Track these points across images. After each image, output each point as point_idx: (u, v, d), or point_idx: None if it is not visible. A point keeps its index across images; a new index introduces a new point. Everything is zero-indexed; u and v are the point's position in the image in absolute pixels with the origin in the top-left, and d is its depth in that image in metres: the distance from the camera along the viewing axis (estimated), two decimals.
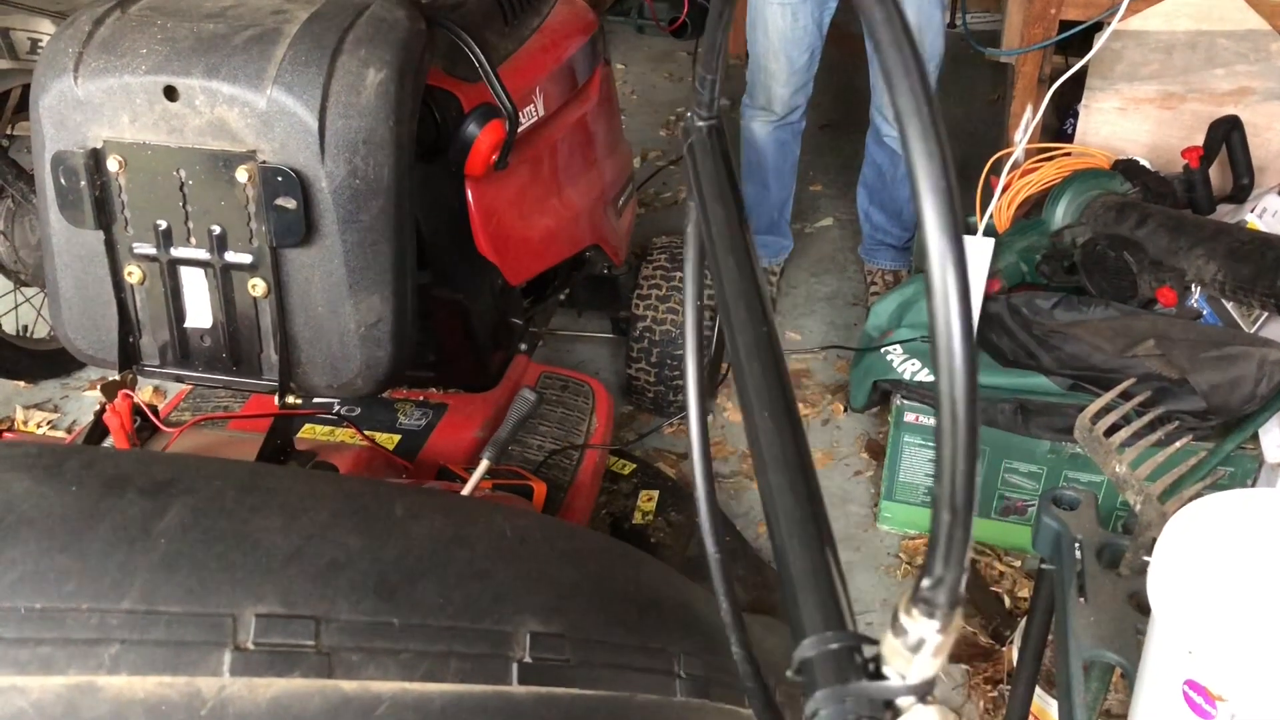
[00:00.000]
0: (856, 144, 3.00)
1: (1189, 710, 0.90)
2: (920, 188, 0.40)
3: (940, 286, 0.39)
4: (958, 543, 0.42)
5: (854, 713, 0.46)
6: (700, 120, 0.74)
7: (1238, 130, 2.24)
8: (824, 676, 0.47)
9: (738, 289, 0.62)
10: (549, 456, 1.95)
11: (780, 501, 0.53)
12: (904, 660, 0.45)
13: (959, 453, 0.41)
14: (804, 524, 0.52)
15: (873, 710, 0.46)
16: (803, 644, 0.48)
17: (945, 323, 0.39)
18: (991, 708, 1.86)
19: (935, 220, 0.40)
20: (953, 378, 0.40)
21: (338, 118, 1.31)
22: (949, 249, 0.39)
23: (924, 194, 0.40)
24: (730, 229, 0.67)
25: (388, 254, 1.37)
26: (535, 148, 1.87)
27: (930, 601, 0.43)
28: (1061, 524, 1.25)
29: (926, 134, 0.41)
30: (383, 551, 0.69)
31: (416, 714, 0.64)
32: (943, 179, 0.40)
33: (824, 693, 0.46)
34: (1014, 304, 2.12)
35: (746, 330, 0.60)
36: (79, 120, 1.35)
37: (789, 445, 0.55)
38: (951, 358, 0.40)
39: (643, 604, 0.82)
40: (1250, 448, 1.89)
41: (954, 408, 0.40)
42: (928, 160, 0.40)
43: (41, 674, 0.58)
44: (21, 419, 2.58)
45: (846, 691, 0.46)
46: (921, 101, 0.41)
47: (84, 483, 0.66)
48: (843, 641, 0.48)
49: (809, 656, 0.48)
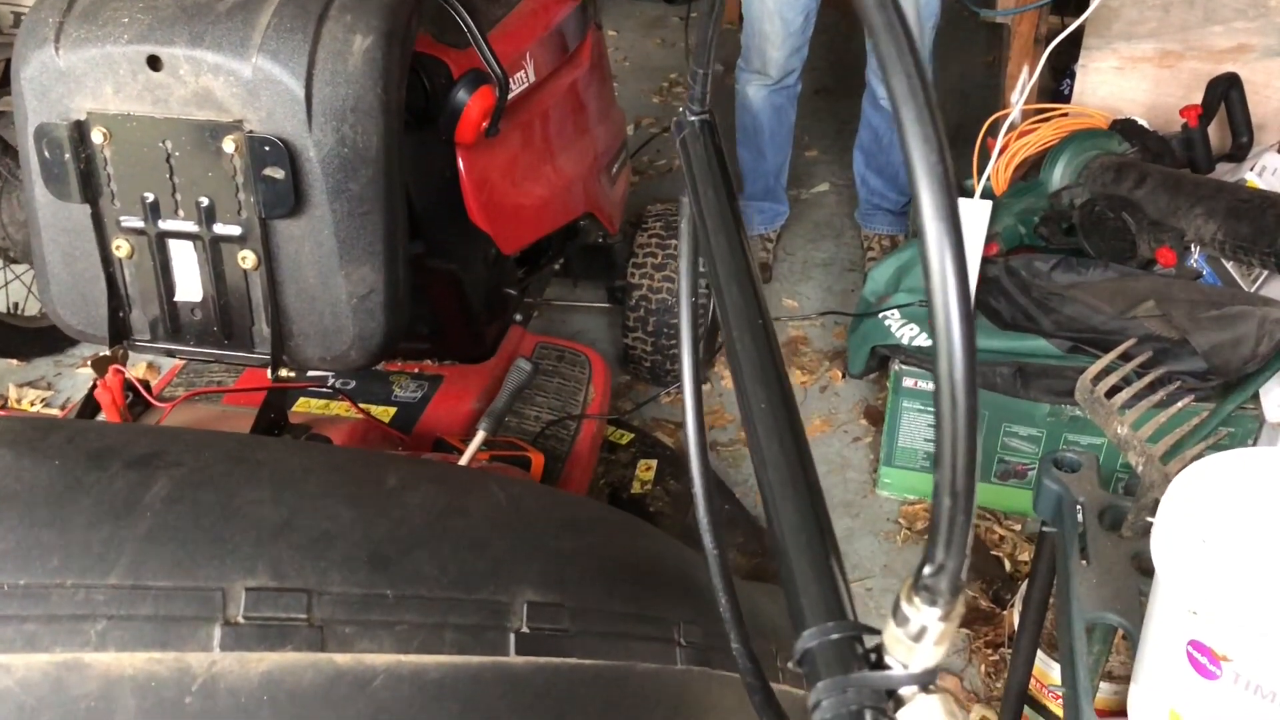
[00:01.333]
0: (852, 108, 2.97)
1: (1193, 671, 0.89)
2: (916, 173, 0.39)
3: (938, 269, 0.38)
4: (959, 528, 0.41)
5: (856, 703, 0.45)
6: (692, 115, 0.74)
7: (1237, 88, 2.22)
8: (825, 667, 0.46)
9: (735, 286, 0.62)
10: (546, 427, 1.94)
11: (779, 495, 0.53)
12: (906, 649, 0.45)
13: (959, 438, 0.40)
14: (803, 516, 0.52)
15: (875, 700, 0.45)
16: (803, 635, 0.48)
17: (944, 305, 0.39)
18: (993, 671, 1.86)
19: (931, 204, 0.39)
20: (952, 363, 0.39)
21: (325, 85, 1.29)
22: (946, 233, 0.38)
23: (920, 181, 0.39)
24: (725, 224, 0.66)
25: (378, 224, 1.35)
26: (526, 114, 1.85)
27: (932, 589, 0.43)
28: (1063, 486, 1.24)
29: (922, 118, 0.39)
30: (376, 522, 0.68)
31: (412, 686, 0.63)
32: (939, 164, 0.39)
33: (826, 683, 0.46)
34: (1012, 266, 2.10)
35: (744, 325, 0.60)
36: (61, 92, 1.33)
37: (787, 440, 0.55)
38: (950, 342, 0.39)
39: (642, 572, 0.81)
40: (1251, 408, 1.88)
41: (953, 393, 0.39)
42: (924, 145, 0.39)
43: (26, 652, 0.57)
44: (15, 397, 2.56)
45: (848, 682, 0.46)
46: (916, 85, 0.40)
47: (67, 456, 0.65)
48: (844, 632, 0.47)
49: (810, 647, 0.47)
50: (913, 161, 0.39)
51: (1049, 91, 2.84)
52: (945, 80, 2.92)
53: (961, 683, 1.86)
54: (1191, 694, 0.90)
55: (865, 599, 2.03)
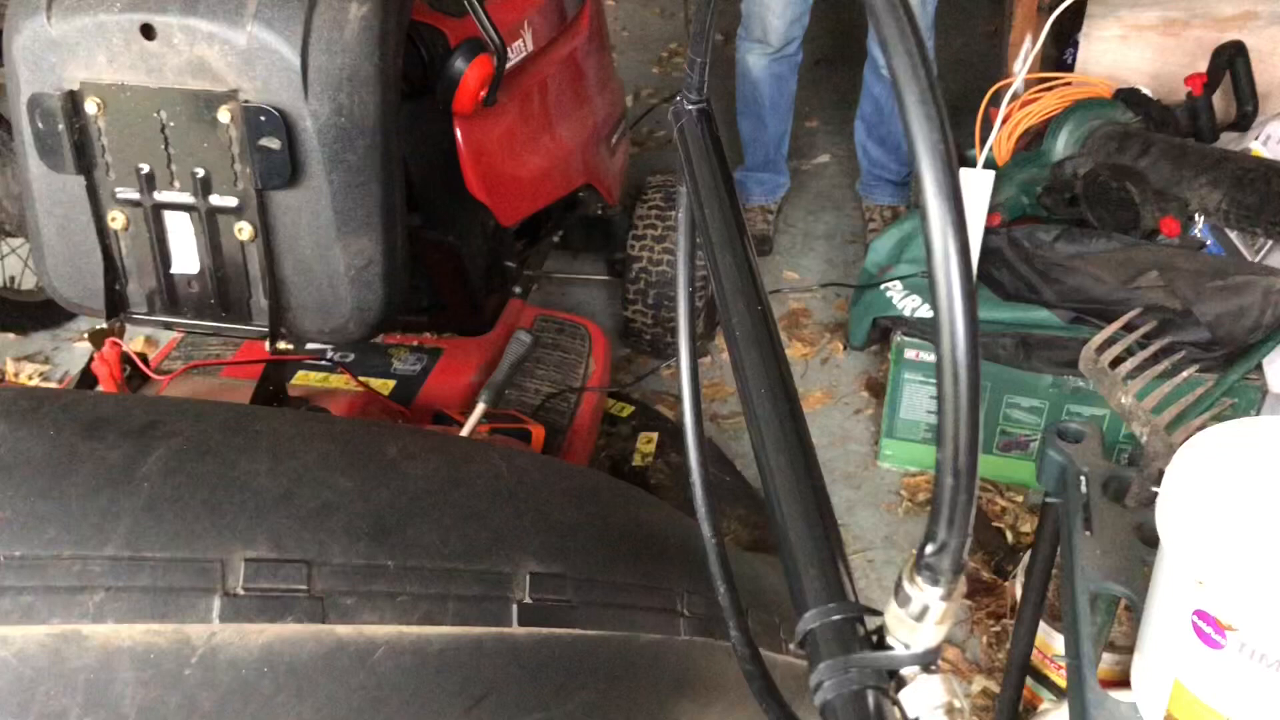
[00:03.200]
0: (853, 79, 2.95)
1: (1198, 640, 0.89)
2: (919, 152, 0.39)
3: (940, 248, 0.38)
4: (961, 507, 0.41)
5: (858, 683, 0.45)
6: (690, 104, 0.73)
7: (1242, 56, 2.20)
8: (827, 648, 0.47)
9: (734, 279, 0.62)
10: (546, 400, 1.93)
11: (779, 478, 0.53)
12: (908, 629, 0.45)
13: (961, 416, 0.40)
14: (803, 499, 0.52)
15: (877, 680, 0.45)
16: (805, 617, 0.48)
17: (946, 283, 0.38)
18: (995, 642, 1.87)
19: (933, 184, 0.39)
20: (954, 342, 0.39)
21: (320, 54, 1.27)
22: (948, 212, 0.38)
23: (922, 160, 0.39)
24: (723, 213, 0.65)
25: (376, 195, 1.34)
26: (524, 84, 1.83)
27: (934, 568, 0.43)
28: (1066, 457, 1.24)
29: (924, 98, 0.40)
30: (376, 493, 0.67)
31: (414, 658, 0.63)
32: (941, 143, 0.39)
33: (827, 664, 0.46)
34: (1015, 237, 2.09)
35: (743, 312, 0.60)
36: (54, 61, 1.31)
37: (787, 423, 0.55)
38: (953, 322, 0.39)
39: (644, 543, 0.80)
40: (1254, 378, 1.87)
41: (956, 372, 0.39)
42: (926, 123, 0.39)
43: (24, 623, 0.56)
44: (12, 371, 2.55)
45: (850, 662, 0.46)
46: (918, 64, 0.40)
47: (63, 426, 0.64)
48: (845, 613, 0.47)
49: (812, 628, 0.48)
50: (915, 140, 0.39)
51: (1052, 60, 2.82)
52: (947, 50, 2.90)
53: (963, 653, 1.87)
54: (1196, 664, 0.89)
55: (867, 570, 2.03)
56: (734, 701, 0.88)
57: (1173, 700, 0.94)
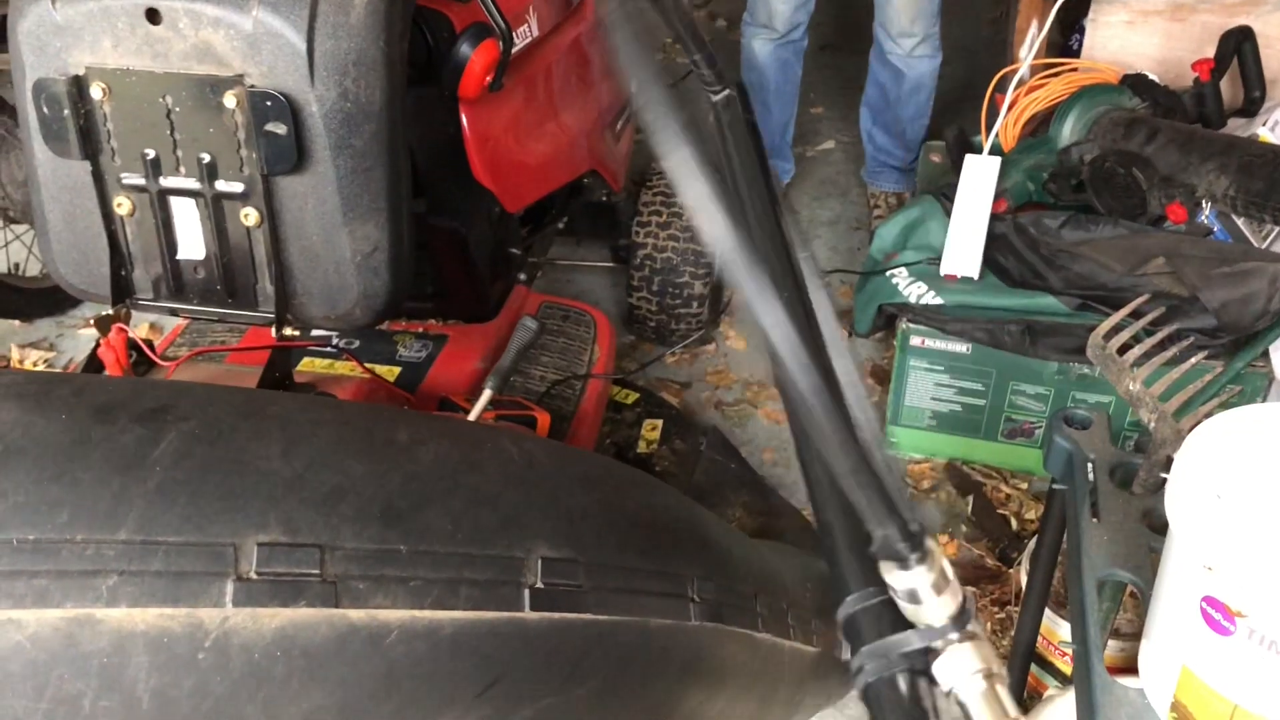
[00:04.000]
0: (858, 65, 2.93)
1: (1207, 627, 0.89)
2: None
3: None
4: (873, 499, 0.44)
5: (896, 666, 0.47)
6: (715, 95, 0.73)
7: (1249, 41, 2.19)
8: (867, 633, 0.49)
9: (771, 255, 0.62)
10: (551, 387, 1.93)
11: (816, 452, 0.53)
12: (916, 612, 0.47)
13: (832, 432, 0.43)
14: (845, 469, 0.52)
15: (911, 662, 0.47)
16: (845, 602, 0.50)
17: None
18: (1000, 629, 1.87)
19: None
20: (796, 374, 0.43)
21: (326, 38, 1.27)
22: None
23: None
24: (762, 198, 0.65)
25: (382, 180, 1.33)
26: (530, 69, 1.83)
27: (892, 555, 0.45)
28: (1073, 443, 1.24)
29: None
30: (388, 477, 0.67)
31: (426, 642, 0.63)
32: None
33: (867, 649, 0.48)
34: (1021, 223, 2.09)
35: (789, 301, 0.59)
36: (59, 46, 1.31)
37: (830, 410, 0.55)
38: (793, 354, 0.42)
39: (655, 528, 0.80)
40: (1260, 365, 1.87)
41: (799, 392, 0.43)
42: None
43: (38, 607, 0.56)
44: (17, 358, 2.55)
45: (887, 646, 0.48)
46: None
47: (74, 410, 0.64)
48: (881, 597, 0.49)
49: (852, 614, 0.50)
50: None
51: (1058, 46, 2.80)
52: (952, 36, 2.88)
53: None
54: (1205, 650, 0.90)
55: None
56: (743, 687, 0.88)
57: (1180, 686, 0.94)
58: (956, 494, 2.16)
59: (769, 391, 2.46)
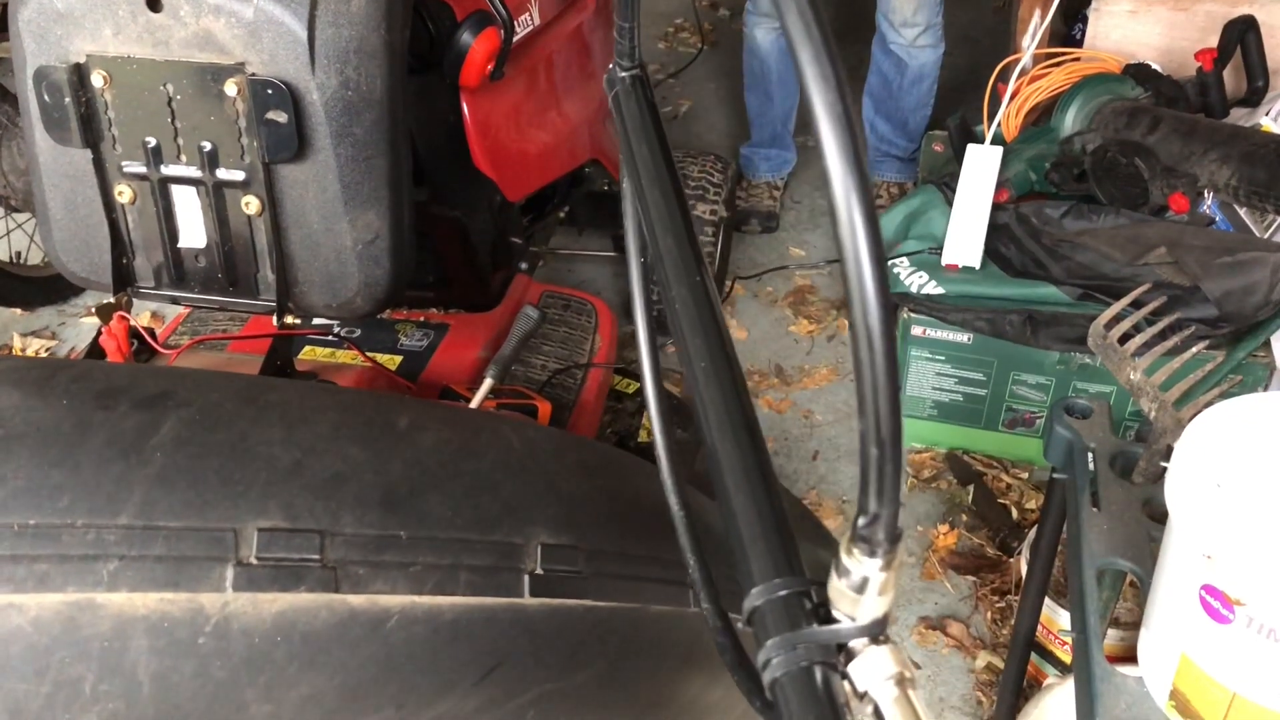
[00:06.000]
0: (860, 54, 2.93)
1: (1206, 615, 0.89)
2: (817, 114, 0.39)
3: (845, 210, 0.38)
4: (889, 477, 0.41)
5: (806, 659, 0.44)
6: (623, 71, 0.72)
7: (1253, 31, 2.18)
8: (774, 625, 0.46)
9: (675, 257, 0.60)
10: (553, 376, 1.93)
11: (723, 456, 0.52)
12: (851, 601, 0.44)
13: (879, 386, 0.39)
14: (747, 471, 0.51)
15: (825, 655, 0.45)
16: (751, 593, 0.47)
17: (853, 249, 0.38)
18: (999, 618, 1.87)
19: (834, 146, 0.38)
20: (866, 311, 0.38)
21: (327, 26, 1.26)
22: (851, 173, 0.38)
23: (821, 118, 0.38)
24: (660, 182, 0.64)
25: (383, 169, 1.33)
26: (531, 58, 1.82)
27: (869, 539, 0.42)
28: (1074, 433, 1.24)
29: (819, 57, 0.39)
30: (388, 463, 0.67)
31: (426, 627, 0.63)
32: (839, 104, 0.38)
33: (774, 641, 0.45)
34: (1022, 213, 2.08)
35: (682, 284, 0.58)
36: (60, 34, 1.30)
37: (729, 396, 0.54)
38: (863, 289, 0.38)
39: (655, 515, 0.80)
40: (1261, 355, 1.87)
41: (870, 340, 0.39)
42: (822, 84, 0.38)
43: (39, 591, 0.56)
44: (19, 346, 2.56)
45: (797, 638, 0.45)
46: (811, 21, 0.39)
47: (75, 396, 0.64)
48: (791, 588, 0.47)
49: (758, 605, 0.47)
50: (813, 102, 0.38)
51: (1060, 36, 2.80)
52: (955, 25, 2.88)
53: (968, 629, 1.87)
54: (1204, 638, 0.90)
55: None
56: None
57: (1179, 674, 0.94)
58: (957, 483, 2.16)
59: (769, 381, 2.46)
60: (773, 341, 2.59)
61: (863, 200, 0.38)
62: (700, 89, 3.67)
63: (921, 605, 1.93)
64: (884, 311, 0.38)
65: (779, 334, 2.61)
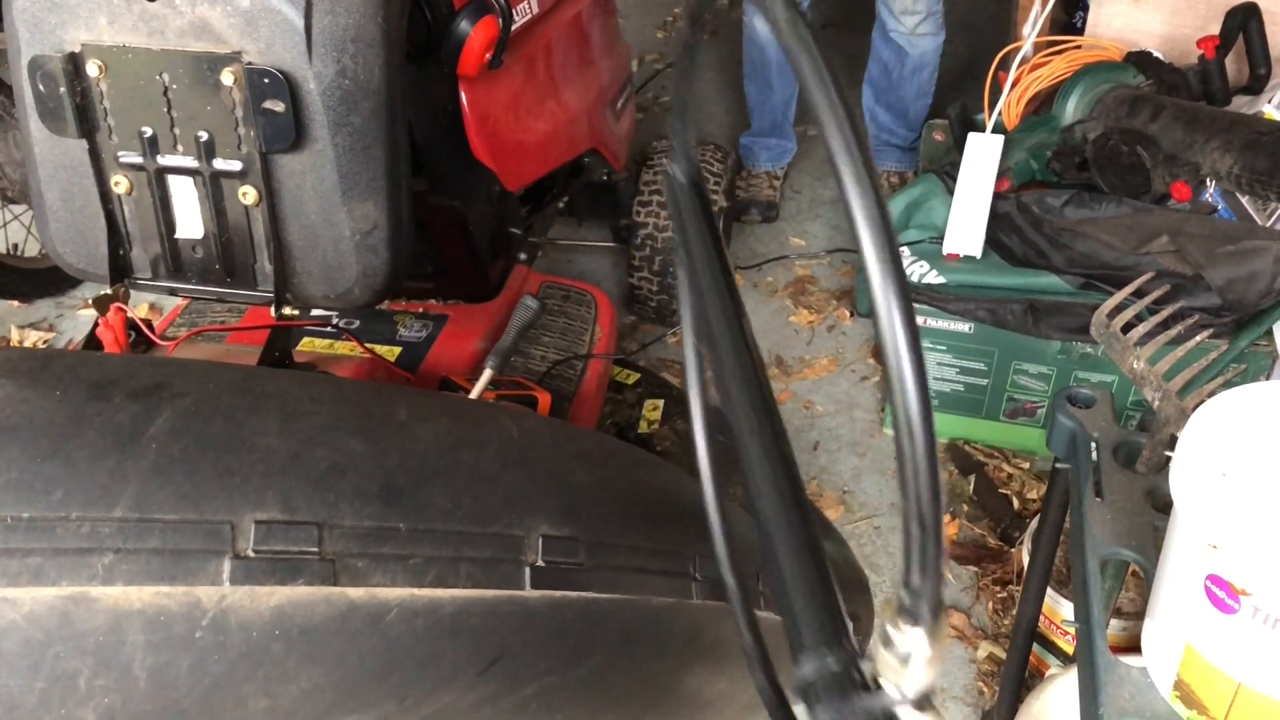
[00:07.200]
0: (861, 44, 2.92)
1: (1211, 605, 0.89)
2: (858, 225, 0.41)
3: (886, 312, 0.40)
4: (931, 555, 0.43)
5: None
6: (680, 174, 0.72)
7: (1255, 18, 2.17)
8: (825, 695, 0.48)
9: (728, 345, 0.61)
10: (552, 367, 1.93)
11: (774, 524, 0.53)
12: (897, 672, 0.46)
13: (921, 471, 0.42)
14: (798, 545, 0.53)
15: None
16: (801, 663, 0.49)
17: (894, 346, 0.40)
18: (1000, 608, 1.87)
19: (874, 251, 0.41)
20: (907, 399, 0.40)
21: (324, 14, 1.25)
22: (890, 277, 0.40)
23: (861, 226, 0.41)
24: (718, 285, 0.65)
25: (381, 158, 1.32)
26: (530, 47, 1.81)
27: (914, 613, 0.44)
28: (1077, 422, 1.23)
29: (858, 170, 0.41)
30: (387, 455, 0.67)
31: (426, 620, 0.62)
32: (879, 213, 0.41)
33: (825, 714, 0.47)
34: (1024, 202, 2.07)
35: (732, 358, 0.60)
36: (54, 23, 1.29)
37: (779, 469, 0.55)
38: (904, 380, 0.40)
39: (656, 506, 0.80)
40: (1264, 344, 1.86)
41: (911, 427, 0.41)
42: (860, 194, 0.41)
43: (33, 585, 0.56)
44: (16, 339, 2.55)
45: (847, 708, 0.47)
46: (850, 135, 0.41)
47: (69, 387, 0.63)
48: (840, 658, 0.49)
49: (808, 675, 0.49)
50: (852, 210, 0.41)
51: (1061, 24, 2.79)
52: (955, 13, 2.86)
53: (969, 620, 1.87)
54: (1209, 628, 0.89)
55: (874, 537, 2.03)
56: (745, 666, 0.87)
57: (1184, 665, 0.93)
58: (958, 474, 2.16)
59: (769, 372, 2.45)
60: (773, 332, 2.58)
61: (903, 304, 0.40)
62: (699, 78, 3.66)
63: None
64: (924, 406, 0.41)
65: (779, 324, 2.61)
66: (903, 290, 0.40)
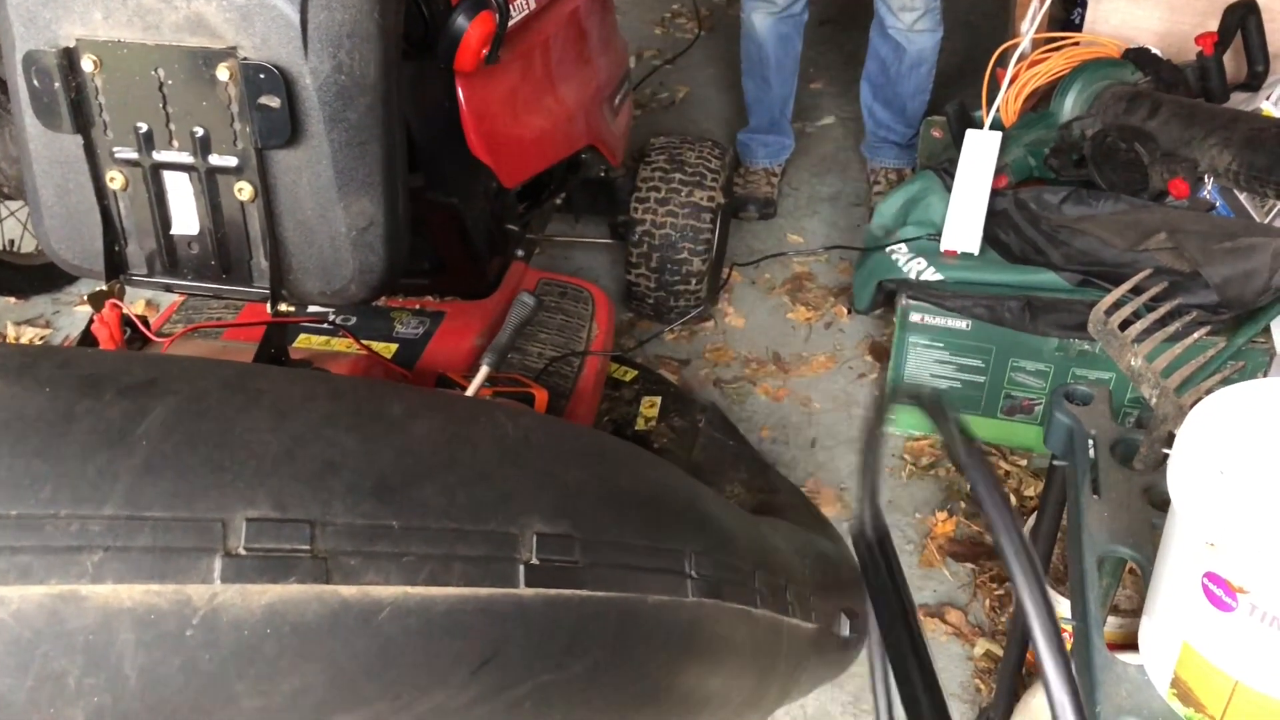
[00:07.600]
0: (858, 40, 2.91)
1: (1208, 603, 0.88)
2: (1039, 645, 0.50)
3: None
4: None
5: None
6: (871, 531, 0.74)
7: (1254, 15, 2.17)
8: None
9: None
10: (549, 364, 1.92)
11: None
12: None
13: None
14: None
15: None
16: None
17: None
18: (998, 605, 1.87)
19: None
20: None
21: (320, 9, 1.25)
22: None
23: None
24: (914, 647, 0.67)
25: (377, 154, 1.32)
26: (527, 42, 1.81)
27: None
28: (1074, 419, 1.23)
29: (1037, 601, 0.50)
30: (380, 452, 0.66)
31: (419, 619, 0.62)
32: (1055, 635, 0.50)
33: None
34: (1021, 199, 2.07)
35: None
36: (49, 18, 1.29)
37: None
38: None
39: (652, 503, 0.79)
40: (1262, 341, 1.86)
41: None
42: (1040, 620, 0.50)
43: (21, 584, 0.55)
44: (13, 335, 2.54)
45: None
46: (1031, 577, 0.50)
47: (58, 384, 0.63)
48: None
49: None
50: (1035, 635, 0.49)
51: (1060, 20, 2.78)
52: (954, 9, 2.86)
53: (966, 617, 1.87)
54: (1206, 626, 0.89)
55: None
56: (741, 664, 0.87)
57: (1181, 663, 0.93)
58: (956, 470, 2.16)
59: (767, 369, 2.45)
60: (770, 329, 2.58)
61: None
62: (697, 75, 3.66)
63: (920, 593, 1.92)
64: None
65: (777, 321, 2.60)
66: None
